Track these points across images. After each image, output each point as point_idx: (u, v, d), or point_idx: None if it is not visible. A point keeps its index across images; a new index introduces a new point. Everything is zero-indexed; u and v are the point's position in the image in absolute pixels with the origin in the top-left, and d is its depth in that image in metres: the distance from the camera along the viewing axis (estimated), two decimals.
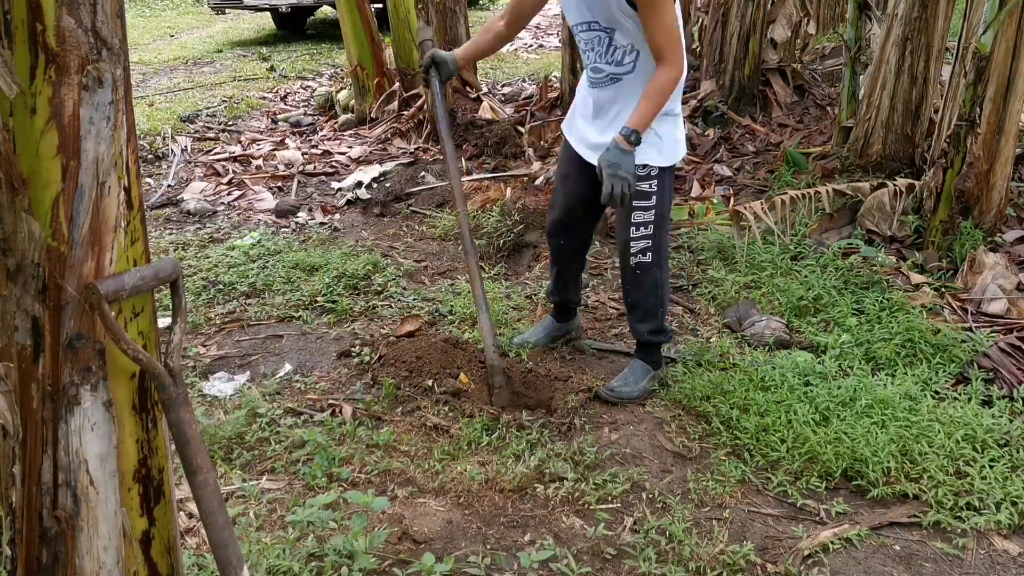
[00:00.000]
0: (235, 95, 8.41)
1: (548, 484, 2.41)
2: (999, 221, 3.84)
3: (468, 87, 7.13)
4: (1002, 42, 3.49)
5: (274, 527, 2.25)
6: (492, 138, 5.94)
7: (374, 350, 3.19)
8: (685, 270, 4.00)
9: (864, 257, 3.75)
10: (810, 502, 2.35)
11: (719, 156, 5.64)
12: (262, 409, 2.79)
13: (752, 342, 3.23)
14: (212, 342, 3.38)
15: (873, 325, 3.21)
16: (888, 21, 4.47)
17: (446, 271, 4.12)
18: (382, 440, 2.60)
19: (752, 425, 2.60)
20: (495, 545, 2.20)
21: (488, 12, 15.67)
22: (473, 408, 2.77)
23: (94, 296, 1.19)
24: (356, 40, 6.99)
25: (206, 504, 1.38)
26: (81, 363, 1.22)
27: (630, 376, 2.90)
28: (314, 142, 6.75)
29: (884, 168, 4.53)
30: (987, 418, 2.56)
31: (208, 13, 15.11)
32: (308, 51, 11.14)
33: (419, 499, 2.37)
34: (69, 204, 1.17)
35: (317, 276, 3.92)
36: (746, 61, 6.03)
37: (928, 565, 2.13)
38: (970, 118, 3.63)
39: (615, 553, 2.15)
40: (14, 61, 1.10)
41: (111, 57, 1.18)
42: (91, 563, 1.27)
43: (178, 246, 4.42)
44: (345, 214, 5.08)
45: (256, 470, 2.52)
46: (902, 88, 4.44)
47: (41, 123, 1.13)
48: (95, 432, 1.25)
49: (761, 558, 2.14)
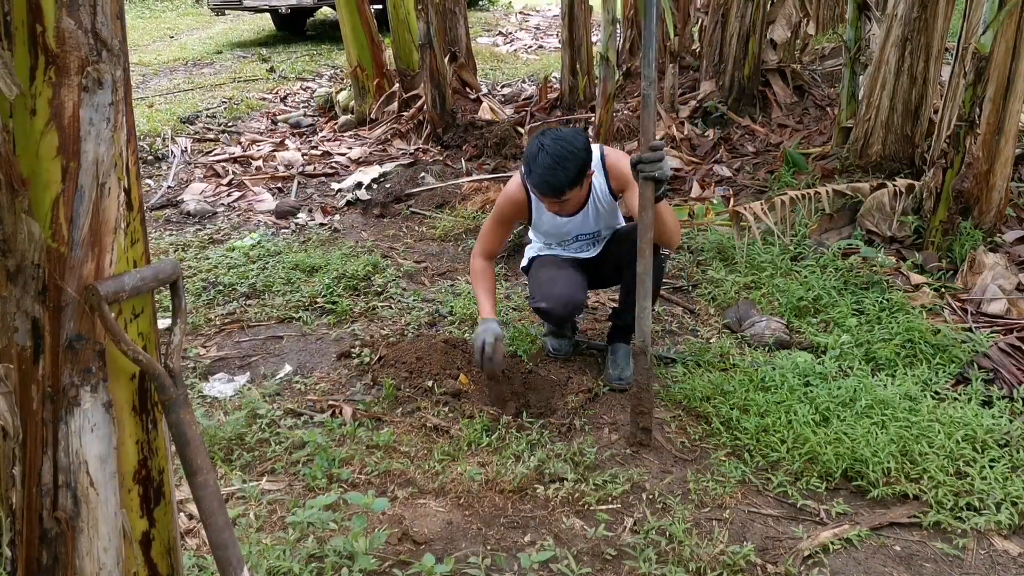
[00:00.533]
0: (235, 96, 8.42)
1: (548, 485, 2.41)
2: (999, 221, 3.84)
3: (468, 88, 7.13)
4: (1002, 42, 3.49)
5: (274, 528, 2.25)
6: (492, 139, 5.95)
7: (374, 351, 3.19)
8: (685, 270, 4.00)
9: (864, 257, 3.75)
10: (810, 502, 2.35)
11: (719, 157, 5.64)
12: (262, 410, 2.79)
13: (752, 342, 3.23)
14: (212, 343, 3.38)
15: (873, 325, 3.21)
16: (888, 21, 4.47)
17: (446, 272, 4.12)
18: (382, 441, 2.60)
19: (752, 426, 2.60)
20: (495, 546, 2.20)
21: (488, 12, 15.69)
22: (473, 409, 2.77)
23: (94, 297, 1.19)
24: (356, 41, 7.00)
25: (206, 505, 1.38)
26: (81, 364, 1.22)
27: (624, 360, 3.01)
28: (314, 143, 6.76)
29: (884, 168, 4.53)
30: (987, 418, 2.56)
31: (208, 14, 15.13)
32: (308, 52, 11.15)
33: (419, 500, 2.37)
34: (69, 205, 1.17)
35: (317, 277, 3.93)
36: (746, 61, 6.03)
37: (928, 565, 2.13)
38: (970, 118, 3.63)
39: (615, 554, 2.15)
40: (14, 62, 1.11)
41: (111, 58, 1.18)
42: (91, 564, 1.27)
43: (178, 247, 4.43)
44: (345, 215, 5.08)
45: (256, 471, 2.52)
46: (902, 88, 4.45)
47: (41, 124, 1.13)
48: (95, 433, 1.25)
49: (761, 558, 2.13)
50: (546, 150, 2.53)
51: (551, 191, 2.57)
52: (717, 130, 5.99)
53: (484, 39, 12.29)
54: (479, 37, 12.21)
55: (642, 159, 2.36)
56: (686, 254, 4.16)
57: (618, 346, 3.06)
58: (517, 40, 12.59)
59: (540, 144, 2.56)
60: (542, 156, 2.53)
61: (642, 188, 2.40)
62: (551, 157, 2.52)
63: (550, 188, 2.56)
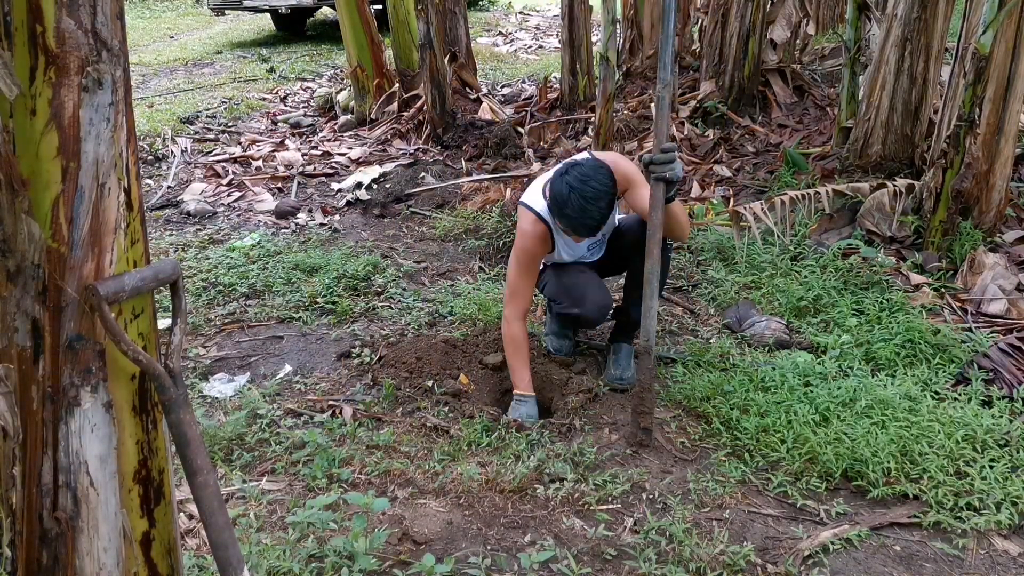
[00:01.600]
0: (235, 96, 8.42)
1: (548, 485, 2.41)
2: (999, 221, 3.84)
3: (468, 88, 7.13)
4: (1002, 42, 3.49)
5: (274, 528, 2.25)
6: (492, 139, 5.95)
7: (374, 351, 3.19)
8: (685, 271, 4.00)
9: (864, 257, 3.75)
10: (810, 502, 2.35)
11: (719, 157, 5.64)
12: (262, 410, 2.79)
13: (752, 342, 3.23)
14: (212, 343, 3.38)
15: (873, 326, 3.21)
16: (887, 22, 4.47)
17: (446, 272, 4.12)
18: (382, 441, 2.60)
19: (752, 426, 2.60)
20: (495, 546, 2.20)
21: (488, 12, 15.68)
22: (473, 409, 2.77)
23: (94, 297, 1.19)
24: (356, 41, 7.00)
25: (206, 505, 1.38)
26: (81, 364, 1.22)
27: (627, 360, 3.02)
28: (314, 143, 6.76)
29: (884, 168, 4.53)
30: (987, 418, 2.56)
31: (208, 14, 15.13)
32: (308, 52, 11.15)
33: (419, 500, 2.37)
34: (69, 205, 1.17)
35: (317, 277, 3.93)
36: (745, 62, 6.03)
37: (928, 565, 2.13)
38: (970, 118, 3.63)
39: (615, 554, 2.15)
40: (14, 63, 1.10)
41: (111, 59, 1.18)
42: (91, 564, 1.27)
43: (178, 247, 4.43)
44: (345, 215, 5.08)
45: (256, 471, 2.52)
46: (902, 89, 4.45)
47: (41, 125, 1.13)
48: (95, 433, 1.25)
49: (761, 559, 2.13)
50: (577, 192, 2.48)
51: (588, 232, 2.58)
52: (717, 130, 5.99)
53: (484, 39, 12.29)
54: (479, 37, 12.21)
55: (654, 160, 2.37)
56: (686, 254, 4.16)
57: (620, 346, 3.06)
58: (517, 40, 12.59)
59: (569, 186, 2.49)
60: (574, 199, 2.48)
61: (653, 188, 2.41)
62: (583, 199, 2.48)
63: (587, 230, 2.56)
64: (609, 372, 3.01)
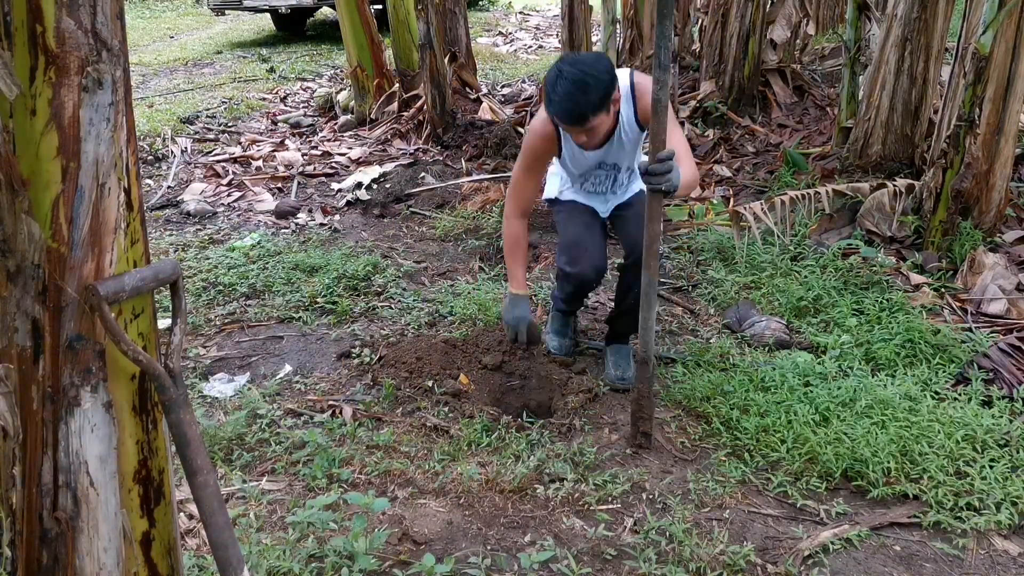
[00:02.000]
0: (235, 96, 8.42)
1: (548, 485, 2.41)
2: (999, 221, 3.84)
3: (468, 88, 7.13)
4: (1001, 42, 3.50)
5: (274, 528, 2.25)
6: (492, 139, 5.95)
7: (374, 351, 3.19)
8: (685, 271, 4.00)
9: (864, 257, 3.75)
10: (810, 502, 2.35)
11: (719, 157, 5.64)
12: (262, 410, 2.79)
13: (752, 343, 3.23)
14: (212, 343, 3.38)
15: (873, 326, 3.21)
16: (887, 22, 4.47)
17: (446, 272, 4.12)
18: (382, 441, 2.60)
19: (752, 426, 2.60)
20: (495, 546, 2.20)
21: (488, 12, 15.68)
22: (473, 409, 2.77)
23: (94, 297, 1.19)
24: (356, 41, 7.00)
25: (206, 505, 1.38)
26: (81, 364, 1.22)
27: (625, 360, 3.00)
28: (314, 143, 6.76)
29: (884, 168, 4.54)
30: (987, 418, 2.56)
31: (208, 14, 15.13)
32: (308, 52, 11.15)
33: (419, 500, 2.37)
34: (69, 205, 1.17)
35: (317, 277, 3.92)
36: (746, 62, 6.03)
37: (928, 565, 2.13)
38: (969, 118, 3.63)
39: (615, 554, 2.15)
40: (14, 63, 1.10)
41: (111, 58, 1.18)
42: (91, 564, 1.27)
43: (178, 247, 4.43)
44: (345, 215, 5.08)
45: (256, 471, 2.52)
46: (902, 89, 4.45)
47: (41, 125, 1.13)
48: (95, 433, 1.25)
49: (761, 559, 2.13)
50: (565, 76, 2.32)
51: (574, 119, 2.37)
52: (717, 130, 5.99)
53: (484, 39, 12.29)
54: (479, 37, 12.21)
55: (650, 170, 2.23)
56: (686, 254, 4.16)
57: (618, 347, 3.06)
58: (517, 40, 12.59)
59: (559, 70, 2.34)
60: (562, 83, 2.32)
61: (650, 199, 2.30)
62: (572, 83, 2.31)
63: (572, 116, 2.36)
64: (609, 372, 3.01)
